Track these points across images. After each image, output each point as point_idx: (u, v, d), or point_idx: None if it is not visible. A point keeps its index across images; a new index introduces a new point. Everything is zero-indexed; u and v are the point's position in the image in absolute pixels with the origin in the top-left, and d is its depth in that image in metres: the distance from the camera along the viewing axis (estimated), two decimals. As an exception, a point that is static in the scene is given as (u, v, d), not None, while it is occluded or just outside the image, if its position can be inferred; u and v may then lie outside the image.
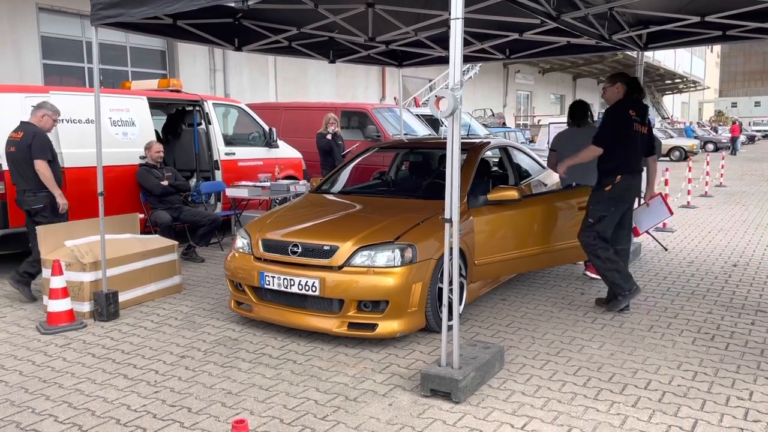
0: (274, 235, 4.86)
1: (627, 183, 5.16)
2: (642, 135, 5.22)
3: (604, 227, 5.18)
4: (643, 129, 5.23)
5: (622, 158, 5.13)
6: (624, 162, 5.13)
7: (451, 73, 3.55)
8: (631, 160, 5.18)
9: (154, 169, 7.29)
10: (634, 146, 5.17)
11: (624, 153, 5.13)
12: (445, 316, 3.69)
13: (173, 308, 5.54)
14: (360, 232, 4.65)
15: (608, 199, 5.15)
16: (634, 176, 5.22)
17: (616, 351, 4.45)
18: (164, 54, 17.47)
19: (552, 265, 6.04)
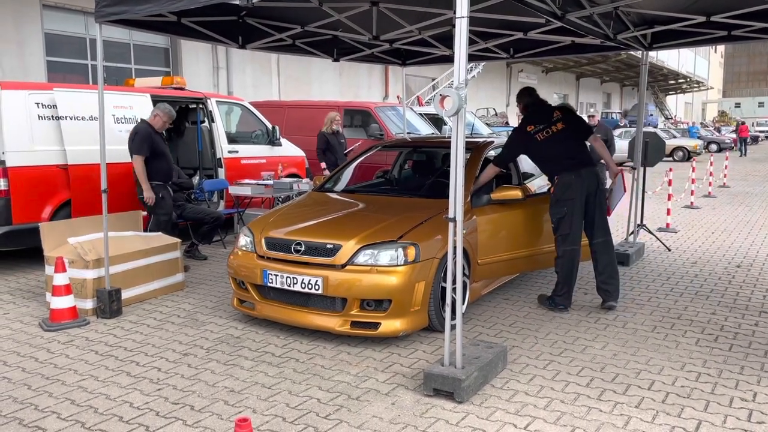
0: (277, 234, 4.85)
1: (564, 181, 5.20)
2: (554, 135, 5.25)
3: (565, 229, 5.21)
4: (552, 131, 5.27)
5: (548, 164, 5.37)
6: (553, 166, 5.31)
7: (456, 72, 3.53)
8: (561, 161, 5.23)
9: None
10: (550, 151, 5.26)
11: (544, 160, 5.39)
12: (448, 316, 3.68)
13: (176, 306, 5.54)
14: (363, 231, 4.64)
15: (556, 202, 5.24)
16: (572, 173, 5.19)
17: (619, 351, 4.44)
18: (167, 51, 17.48)
19: (555, 264, 6.02)
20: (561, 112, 5.39)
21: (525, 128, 5.35)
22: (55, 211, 6.79)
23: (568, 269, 5.25)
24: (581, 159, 5.28)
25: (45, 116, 6.78)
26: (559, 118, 5.31)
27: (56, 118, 6.81)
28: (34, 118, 6.69)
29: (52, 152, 6.77)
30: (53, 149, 6.77)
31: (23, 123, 6.60)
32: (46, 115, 6.79)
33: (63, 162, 6.80)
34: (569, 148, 5.26)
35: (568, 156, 5.24)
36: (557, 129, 5.28)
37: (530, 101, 5.51)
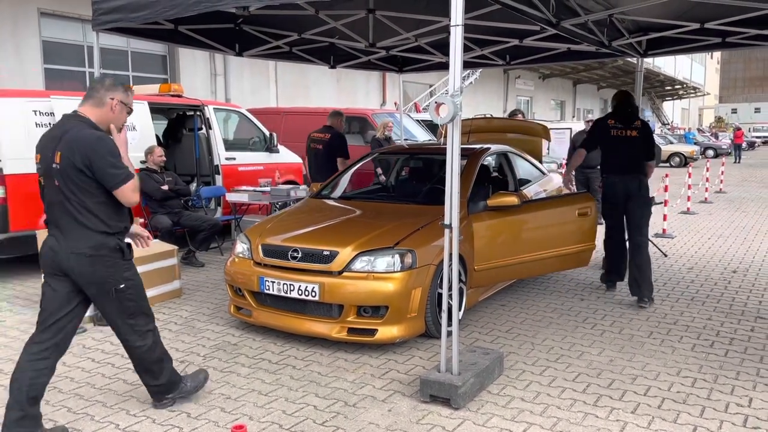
0: (274, 240, 4.86)
1: (609, 181, 5.90)
2: (625, 138, 5.84)
3: (607, 221, 6.03)
4: (626, 133, 5.85)
5: (606, 157, 5.99)
6: (606, 162, 5.99)
7: (450, 80, 3.56)
8: (615, 161, 5.87)
9: (154, 173, 7.30)
10: (614, 148, 5.89)
11: (606, 152, 5.99)
12: (444, 322, 3.70)
13: (173, 313, 5.54)
14: (360, 238, 4.66)
15: (603, 197, 6.04)
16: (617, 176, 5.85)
17: (615, 357, 4.45)
18: (165, 59, 17.51)
19: (552, 271, 6.04)
20: (642, 123, 5.91)
21: (607, 120, 5.99)
22: (52, 219, 6.79)
23: (609, 253, 6.11)
24: (631, 167, 5.79)
25: (43, 124, 6.77)
26: (638, 127, 5.85)
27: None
28: (32, 126, 6.69)
29: (50, 160, 6.76)
30: (50, 157, 6.77)
31: (21, 131, 6.60)
32: (44, 122, 6.78)
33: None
34: (626, 154, 5.80)
35: (622, 160, 5.81)
36: (630, 134, 5.83)
37: (621, 103, 6.02)
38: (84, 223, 3.14)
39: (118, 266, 3.24)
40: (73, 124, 3.21)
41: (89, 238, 3.16)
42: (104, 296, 3.25)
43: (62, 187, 3.14)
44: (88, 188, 3.13)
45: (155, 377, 3.51)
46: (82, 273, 3.17)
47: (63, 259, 3.17)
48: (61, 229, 3.19)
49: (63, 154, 3.11)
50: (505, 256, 5.37)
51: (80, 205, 3.14)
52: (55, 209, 3.21)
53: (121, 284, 3.24)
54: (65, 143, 3.13)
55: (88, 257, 3.14)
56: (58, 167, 3.12)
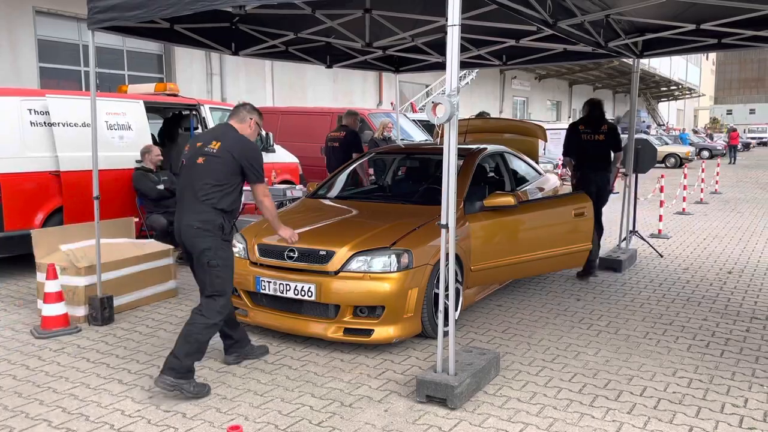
0: (270, 240, 4.85)
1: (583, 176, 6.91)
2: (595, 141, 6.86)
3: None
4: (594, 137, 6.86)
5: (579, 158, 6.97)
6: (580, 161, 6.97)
7: (447, 80, 3.55)
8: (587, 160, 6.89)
9: (150, 173, 7.27)
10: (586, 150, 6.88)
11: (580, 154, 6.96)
12: (441, 322, 3.69)
13: (168, 313, 5.53)
14: (356, 238, 4.65)
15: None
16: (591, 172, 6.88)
17: (611, 358, 4.45)
18: (161, 58, 17.48)
19: (548, 271, 6.05)
20: (608, 127, 6.87)
21: (577, 125, 7.00)
22: (47, 218, 6.77)
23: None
24: (600, 165, 6.85)
25: (37, 122, 6.76)
26: (605, 131, 6.84)
27: (48, 124, 6.78)
28: (27, 125, 6.67)
29: (45, 159, 6.74)
30: (45, 156, 6.75)
31: (15, 129, 6.58)
32: (39, 121, 6.77)
33: (55, 168, 6.78)
34: (595, 155, 6.83)
35: (591, 159, 6.81)
36: (598, 138, 6.81)
37: (592, 110, 7.02)
38: (203, 201, 3.79)
39: (217, 242, 3.81)
40: (226, 130, 4.01)
41: (202, 212, 3.79)
42: (198, 264, 3.86)
43: (203, 167, 3.81)
44: (228, 174, 3.82)
45: (185, 353, 3.70)
46: (187, 243, 3.84)
47: (181, 230, 3.86)
48: (184, 206, 3.88)
49: (222, 145, 3.85)
50: (502, 256, 5.36)
51: (209, 185, 3.80)
52: (185, 191, 3.89)
53: (214, 260, 3.79)
54: (228, 139, 3.90)
55: (195, 229, 3.78)
56: (214, 151, 3.83)
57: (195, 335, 3.73)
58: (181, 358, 3.67)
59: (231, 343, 4.27)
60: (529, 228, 5.55)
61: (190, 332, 3.73)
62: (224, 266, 3.83)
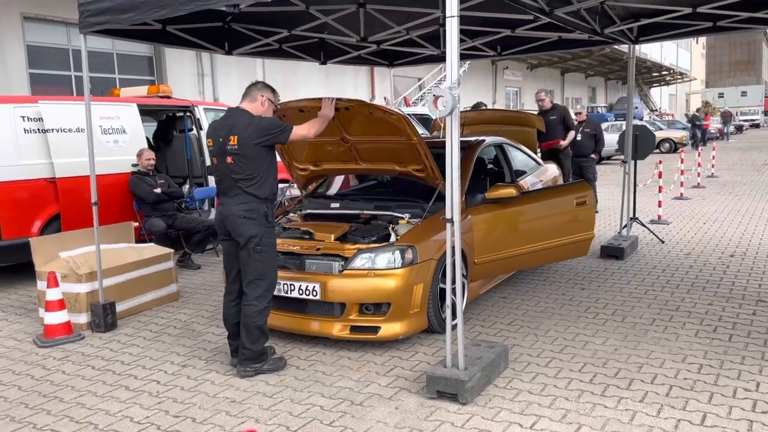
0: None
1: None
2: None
3: None
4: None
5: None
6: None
7: (448, 72, 3.51)
8: None
9: (146, 176, 7.21)
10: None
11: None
12: (448, 317, 3.66)
13: (171, 317, 5.49)
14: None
15: None
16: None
17: (620, 346, 4.43)
18: (151, 60, 17.37)
19: (552, 261, 6.02)
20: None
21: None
22: (44, 226, 6.71)
23: None
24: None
25: (31, 129, 6.69)
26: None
27: (42, 131, 6.72)
28: (20, 132, 6.61)
29: (40, 166, 6.68)
30: (41, 162, 6.69)
31: (9, 137, 6.51)
32: (33, 128, 6.70)
33: (51, 175, 6.72)
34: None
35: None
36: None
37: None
38: (246, 191, 3.96)
39: (262, 229, 3.97)
40: (238, 115, 4.04)
41: (245, 203, 3.96)
42: (244, 251, 4.00)
43: (234, 166, 3.96)
44: (258, 164, 3.96)
45: (252, 342, 4.00)
46: (235, 231, 4.00)
47: (227, 220, 4.01)
48: (227, 196, 4.04)
49: (240, 139, 3.92)
50: (505, 248, 5.33)
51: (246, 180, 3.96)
52: (224, 183, 4.06)
53: (259, 246, 3.96)
54: (242, 128, 3.94)
55: (242, 218, 3.94)
56: (236, 149, 3.93)
57: (252, 323, 3.99)
58: (250, 347, 4.01)
59: (238, 345, 4.24)
60: (531, 219, 5.52)
61: (247, 322, 3.99)
62: (268, 251, 4.03)
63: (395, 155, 5.15)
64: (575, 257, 6.00)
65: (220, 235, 4.19)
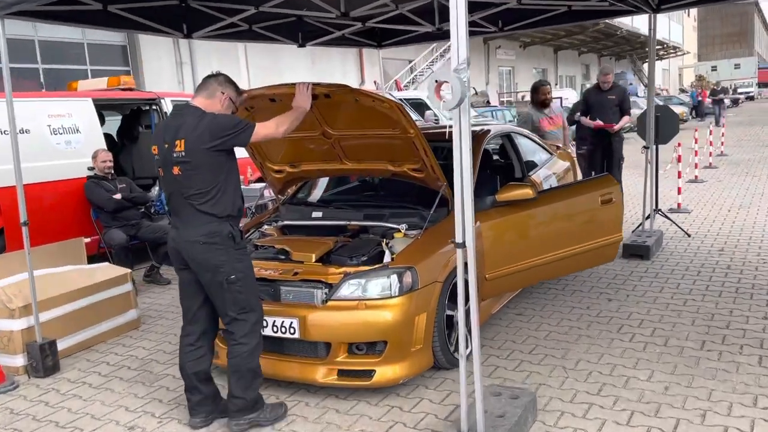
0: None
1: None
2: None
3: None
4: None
5: None
6: None
7: (453, 50, 2.65)
8: None
9: (104, 180, 6.31)
10: None
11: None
12: (462, 370, 2.81)
13: (127, 352, 4.63)
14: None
15: None
16: None
17: (670, 383, 3.60)
18: (125, 49, 16.34)
19: (575, 270, 5.17)
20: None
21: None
22: (-17, 245, 5.81)
23: None
24: None
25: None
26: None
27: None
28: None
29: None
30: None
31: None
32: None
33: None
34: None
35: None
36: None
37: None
38: (201, 211, 3.17)
39: (230, 254, 3.19)
40: (188, 114, 3.23)
41: (204, 225, 3.17)
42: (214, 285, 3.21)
43: (183, 178, 3.16)
44: (212, 174, 3.16)
45: (244, 388, 3.26)
46: (196, 260, 3.18)
47: (182, 248, 3.22)
48: (180, 219, 3.26)
49: (188, 144, 3.12)
50: (520, 260, 4.46)
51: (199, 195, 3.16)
52: (174, 202, 3.27)
53: (233, 275, 3.17)
54: (190, 130, 3.14)
55: (202, 245, 3.15)
56: (183, 156, 3.13)
57: (244, 366, 3.25)
58: (243, 395, 3.27)
59: (199, 399, 3.39)
60: (550, 223, 4.65)
61: (238, 365, 3.25)
62: (246, 278, 3.26)
63: (388, 152, 4.27)
64: (601, 264, 5.15)
65: (176, 264, 3.37)
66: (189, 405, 3.43)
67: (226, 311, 3.24)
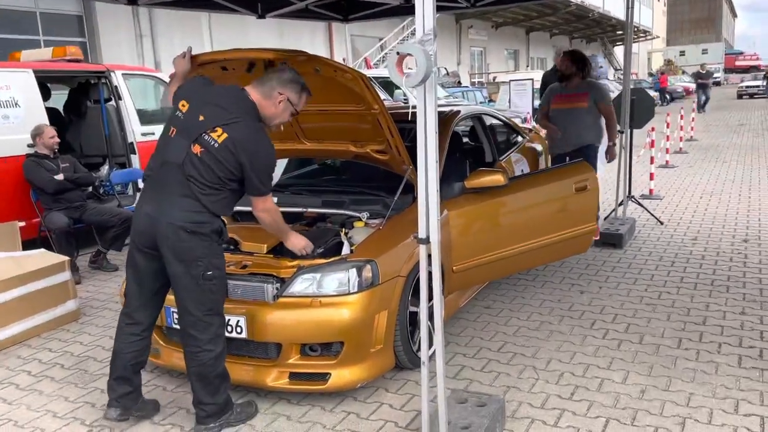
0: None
1: None
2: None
3: None
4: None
5: None
6: None
7: (418, 20, 2.31)
8: None
9: (45, 159, 5.84)
10: None
11: None
12: (424, 384, 2.52)
13: (63, 348, 4.24)
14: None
15: None
16: None
17: (646, 385, 3.37)
18: (81, 19, 15.53)
19: (548, 262, 4.94)
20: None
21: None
22: None
23: None
24: None
25: None
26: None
27: None
28: None
29: None
30: None
31: None
32: None
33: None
34: None
35: None
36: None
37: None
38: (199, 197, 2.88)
39: (213, 249, 2.93)
40: (243, 107, 2.95)
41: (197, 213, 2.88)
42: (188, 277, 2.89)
43: (199, 161, 2.86)
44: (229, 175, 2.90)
45: (213, 394, 3.01)
46: (175, 247, 2.85)
47: (160, 228, 2.87)
48: (165, 195, 2.92)
49: (229, 138, 2.86)
50: (490, 251, 4.18)
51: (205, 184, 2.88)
52: (169, 175, 2.91)
53: (210, 271, 2.90)
54: (239, 130, 2.88)
55: (188, 233, 2.85)
56: (216, 145, 2.86)
57: (211, 374, 2.98)
58: (213, 401, 3.02)
59: (127, 392, 3.10)
60: (522, 211, 4.37)
61: (203, 372, 2.97)
62: (220, 278, 2.99)
63: (351, 131, 3.94)
64: (574, 255, 4.91)
65: (140, 244, 2.99)
66: (111, 396, 3.12)
67: (191, 310, 2.93)
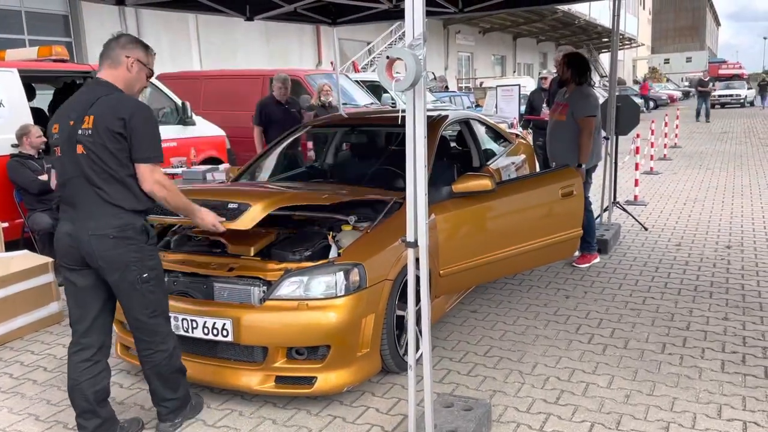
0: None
1: None
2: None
3: None
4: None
5: None
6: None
7: (408, 25, 2.32)
8: None
9: (29, 159, 5.78)
10: None
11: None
12: (411, 390, 2.52)
13: (46, 350, 4.19)
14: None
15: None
16: None
17: (631, 390, 3.39)
18: (67, 19, 15.41)
19: (534, 266, 4.96)
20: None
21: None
22: None
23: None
24: None
25: None
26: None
27: None
28: None
29: None
30: None
31: None
32: None
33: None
34: None
35: None
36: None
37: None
38: (111, 202, 2.78)
39: (143, 251, 2.85)
40: (98, 90, 2.83)
41: (114, 216, 2.78)
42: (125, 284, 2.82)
43: (86, 159, 2.74)
44: (121, 158, 2.77)
45: (174, 389, 3.05)
46: (104, 257, 2.76)
47: (83, 243, 2.77)
48: (79, 208, 2.81)
49: (96, 120, 2.73)
50: (477, 255, 4.20)
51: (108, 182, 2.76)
52: (76, 188, 2.79)
53: (145, 273, 2.84)
54: (99, 106, 2.75)
55: (112, 239, 2.76)
56: (89, 134, 2.73)
57: (168, 371, 3.00)
58: (174, 396, 3.06)
59: (97, 425, 2.93)
60: (508, 216, 4.40)
61: (161, 372, 2.99)
62: (157, 278, 2.93)
63: None
64: (560, 259, 4.94)
65: (70, 265, 2.85)
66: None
67: (135, 315, 2.89)
